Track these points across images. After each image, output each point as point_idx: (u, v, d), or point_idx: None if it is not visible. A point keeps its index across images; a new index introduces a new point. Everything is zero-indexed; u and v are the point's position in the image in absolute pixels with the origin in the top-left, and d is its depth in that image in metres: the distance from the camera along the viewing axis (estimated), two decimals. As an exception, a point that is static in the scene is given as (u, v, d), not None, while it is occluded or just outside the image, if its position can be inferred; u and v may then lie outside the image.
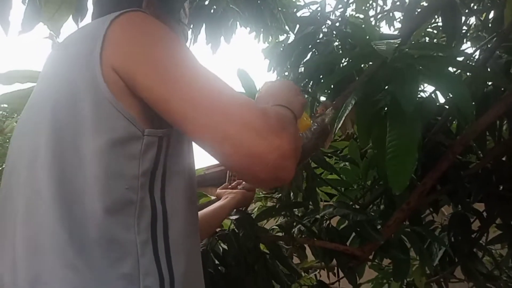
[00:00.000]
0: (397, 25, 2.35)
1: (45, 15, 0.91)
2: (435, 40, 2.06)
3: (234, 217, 0.94)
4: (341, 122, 0.78)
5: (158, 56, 0.49)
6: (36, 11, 0.99)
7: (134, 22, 0.52)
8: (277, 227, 1.10)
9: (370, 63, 0.77)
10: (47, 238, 0.44)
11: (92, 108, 0.48)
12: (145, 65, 0.48)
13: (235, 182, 1.02)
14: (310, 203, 1.03)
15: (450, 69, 0.81)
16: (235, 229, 0.94)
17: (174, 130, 0.52)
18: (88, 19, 1.02)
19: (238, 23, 1.60)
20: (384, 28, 2.36)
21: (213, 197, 1.05)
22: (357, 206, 1.12)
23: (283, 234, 1.06)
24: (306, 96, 1.08)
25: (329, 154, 1.18)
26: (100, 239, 0.45)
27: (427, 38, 2.07)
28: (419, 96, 0.97)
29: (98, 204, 0.46)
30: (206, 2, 1.48)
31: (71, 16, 0.97)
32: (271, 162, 0.44)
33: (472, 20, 1.53)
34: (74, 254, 0.43)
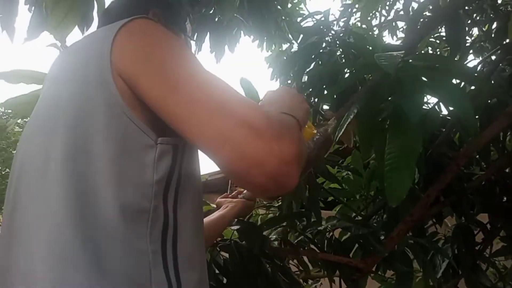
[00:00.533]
0: (400, 34, 2.36)
1: (51, 24, 0.92)
2: (437, 50, 2.07)
3: (235, 227, 0.94)
4: (342, 132, 0.77)
5: (162, 60, 0.49)
6: (42, 19, 1.00)
7: (141, 29, 0.53)
8: (274, 236, 1.09)
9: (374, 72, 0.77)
10: (59, 245, 0.44)
11: (105, 113, 0.48)
12: (148, 68, 0.48)
13: (236, 191, 1.02)
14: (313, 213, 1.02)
15: (454, 81, 0.80)
16: (238, 239, 0.94)
17: None
18: (93, 29, 1.03)
19: (242, 31, 1.61)
20: (387, 38, 2.37)
21: (213, 205, 1.04)
22: (360, 217, 1.11)
23: (281, 242, 1.05)
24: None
25: (330, 161, 1.16)
26: (113, 246, 0.44)
27: (429, 48, 2.08)
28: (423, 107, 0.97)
29: (112, 212, 0.45)
30: (211, 11, 1.49)
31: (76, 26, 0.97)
32: (271, 167, 0.41)
33: (475, 30, 1.54)
34: (87, 262, 0.43)
